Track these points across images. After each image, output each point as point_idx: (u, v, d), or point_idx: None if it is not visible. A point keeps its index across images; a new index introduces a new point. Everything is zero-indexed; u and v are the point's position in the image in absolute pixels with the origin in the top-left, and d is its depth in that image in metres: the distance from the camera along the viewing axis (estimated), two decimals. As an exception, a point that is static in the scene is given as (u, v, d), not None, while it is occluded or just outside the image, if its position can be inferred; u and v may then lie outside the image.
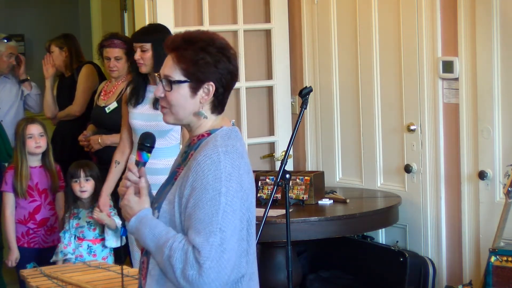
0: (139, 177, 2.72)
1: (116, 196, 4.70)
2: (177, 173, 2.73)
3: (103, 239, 4.96)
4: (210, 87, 2.67)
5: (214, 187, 2.56)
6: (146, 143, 2.76)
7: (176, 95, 2.67)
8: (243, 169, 2.64)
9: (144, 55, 4.72)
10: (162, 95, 2.70)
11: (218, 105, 2.72)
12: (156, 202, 2.74)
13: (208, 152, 2.61)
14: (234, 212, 2.58)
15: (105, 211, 4.88)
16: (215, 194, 2.56)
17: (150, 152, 2.76)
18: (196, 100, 2.68)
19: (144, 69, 4.76)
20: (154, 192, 2.83)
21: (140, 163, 2.74)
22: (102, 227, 4.96)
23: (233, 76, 2.73)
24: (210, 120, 2.72)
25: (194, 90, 2.67)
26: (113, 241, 4.95)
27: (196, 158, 2.62)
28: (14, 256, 5.17)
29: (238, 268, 2.61)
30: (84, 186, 5.00)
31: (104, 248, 4.98)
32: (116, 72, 5.66)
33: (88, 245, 4.97)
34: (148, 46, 4.72)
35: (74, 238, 4.99)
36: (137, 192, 2.71)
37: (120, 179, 4.08)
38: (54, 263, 4.90)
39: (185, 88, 2.67)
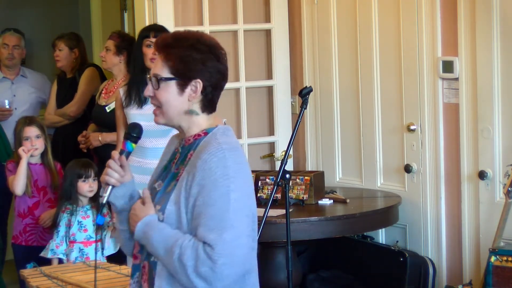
0: (121, 166, 2.73)
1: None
2: (178, 173, 2.73)
3: (95, 242, 4.88)
4: (197, 85, 2.68)
5: (223, 183, 2.59)
6: (133, 133, 2.77)
7: (163, 93, 2.69)
8: (245, 165, 2.67)
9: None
10: (151, 94, 2.72)
11: (208, 104, 2.73)
12: (158, 204, 2.73)
13: (212, 150, 2.63)
14: (243, 208, 2.61)
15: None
16: (224, 191, 2.58)
17: (135, 142, 2.77)
18: (184, 98, 2.69)
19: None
20: (140, 191, 2.84)
21: (124, 152, 2.75)
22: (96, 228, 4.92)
23: (223, 76, 2.74)
24: (202, 119, 2.74)
25: (182, 87, 2.68)
26: (112, 249, 4.91)
27: (201, 156, 2.63)
28: None
29: (248, 264, 2.65)
30: (92, 187, 4.98)
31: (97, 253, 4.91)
32: (104, 62, 5.69)
33: (79, 248, 4.90)
34: None
35: (66, 239, 4.93)
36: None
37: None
38: (47, 259, 4.88)
39: (172, 86, 2.69)
